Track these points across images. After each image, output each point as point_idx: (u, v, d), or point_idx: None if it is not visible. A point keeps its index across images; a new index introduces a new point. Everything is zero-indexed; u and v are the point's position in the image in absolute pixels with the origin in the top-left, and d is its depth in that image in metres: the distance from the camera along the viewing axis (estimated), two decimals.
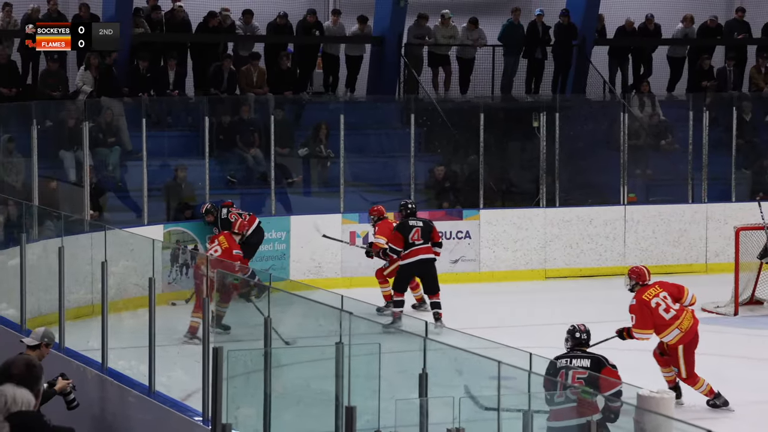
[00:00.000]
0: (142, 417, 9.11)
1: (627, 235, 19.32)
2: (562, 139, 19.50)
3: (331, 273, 18.16)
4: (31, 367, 5.24)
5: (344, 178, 18.60)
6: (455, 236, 18.75)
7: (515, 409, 6.05)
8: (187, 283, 15.95)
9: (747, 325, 15.94)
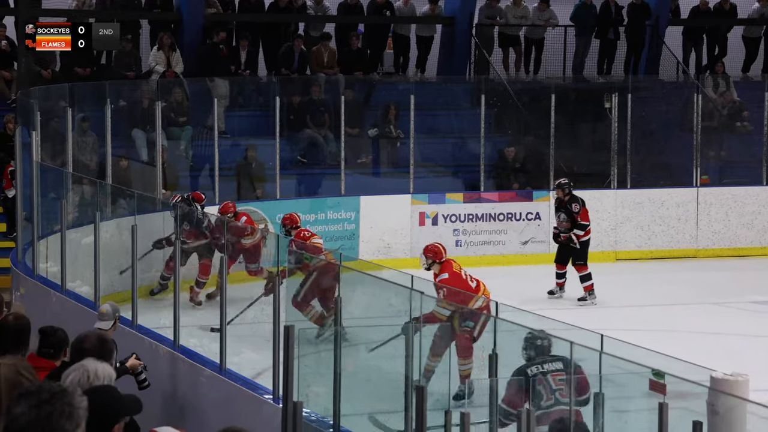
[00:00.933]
0: (213, 395, 9.18)
1: (699, 218, 19.12)
2: (634, 120, 19.33)
3: (401, 253, 18.17)
4: (103, 341, 5.28)
5: (414, 158, 18.59)
6: (525, 217, 18.68)
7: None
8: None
9: None
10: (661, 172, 20.02)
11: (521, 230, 18.62)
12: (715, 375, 5.47)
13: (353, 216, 18.04)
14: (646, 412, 6.03)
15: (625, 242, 18.92)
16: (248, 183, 18.21)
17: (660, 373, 5.35)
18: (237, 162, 18.29)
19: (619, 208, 18.96)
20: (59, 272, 12.39)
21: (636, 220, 18.96)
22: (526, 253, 18.58)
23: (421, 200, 18.44)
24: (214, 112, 17.57)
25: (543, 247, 18.68)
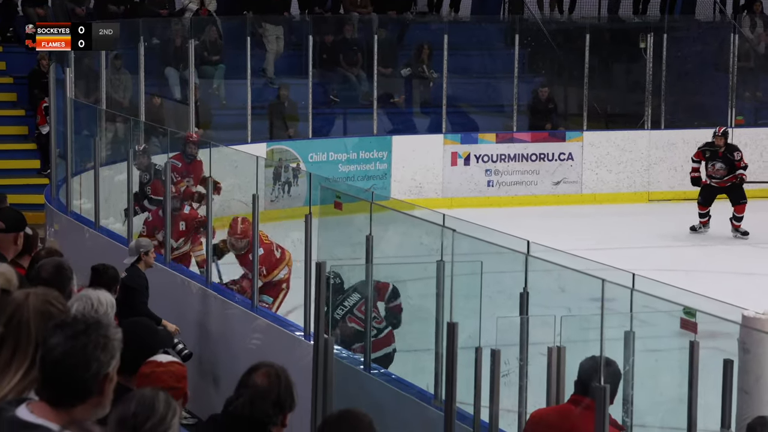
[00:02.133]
0: (245, 331, 9.24)
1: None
2: (670, 60, 19.18)
3: (432, 193, 18.17)
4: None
5: (446, 98, 18.53)
6: (558, 158, 18.63)
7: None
8: (289, 201, 16.09)
9: None
10: (695, 112, 19.88)
11: (553, 171, 18.57)
12: (746, 313, 5.47)
13: (385, 156, 18.03)
14: (677, 351, 6.04)
15: (658, 183, 18.85)
16: (281, 122, 18.21)
17: (691, 311, 5.35)
18: (270, 101, 18.28)
19: (653, 149, 18.86)
20: (92, 209, 12.46)
21: (669, 161, 18.87)
22: (558, 194, 18.54)
23: (454, 140, 18.40)
24: (247, 51, 17.51)
25: (575, 188, 18.65)
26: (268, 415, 4.19)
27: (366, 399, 7.51)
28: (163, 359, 4.61)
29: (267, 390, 4.19)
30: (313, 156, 17.65)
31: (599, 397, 5.05)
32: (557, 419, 5.59)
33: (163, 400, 3.29)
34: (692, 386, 5.43)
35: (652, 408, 6.66)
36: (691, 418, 5.43)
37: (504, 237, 7.81)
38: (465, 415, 6.56)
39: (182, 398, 4.49)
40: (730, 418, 5.43)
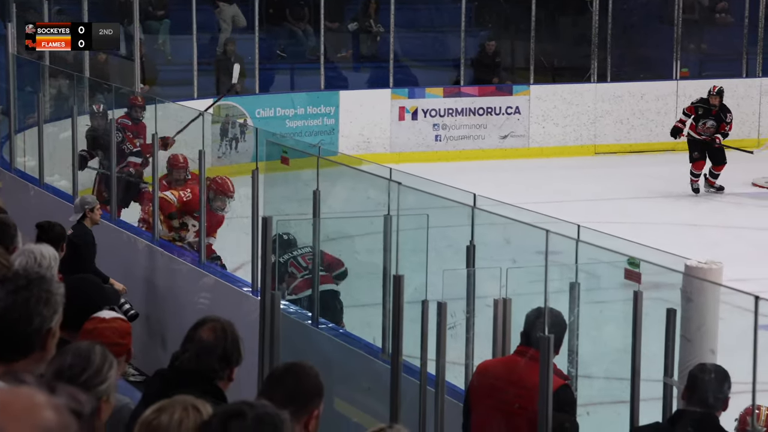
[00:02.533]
0: (192, 287, 9.23)
1: (679, 111, 19.10)
2: (615, 13, 19.24)
3: (380, 148, 18.17)
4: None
5: (393, 53, 18.49)
6: (505, 112, 18.66)
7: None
8: (236, 157, 16.03)
9: None
10: (641, 65, 19.98)
11: (501, 125, 18.61)
12: (689, 263, 5.52)
13: (333, 111, 18.00)
14: (622, 302, 6.09)
15: (604, 136, 18.95)
16: (227, 78, 18.10)
17: (635, 261, 5.39)
18: (216, 56, 18.16)
19: (599, 101, 18.95)
20: (37, 166, 12.35)
21: (615, 114, 18.97)
22: (506, 148, 18.60)
23: (401, 95, 18.39)
24: (192, 6, 17.35)
25: (522, 141, 18.71)
26: (214, 369, 4.19)
27: (314, 353, 7.53)
28: (106, 315, 4.60)
29: (213, 344, 4.19)
30: (260, 112, 17.59)
31: (543, 347, 5.09)
32: (503, 370, 5.64)
33: (99, 353, 3.28)
34: (636, 336, 5.49)
35: (596, 358, 6.74)
36: (635, 367, 5.50)
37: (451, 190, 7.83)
38: (412, 368, 6.59)
39: (125, 354, 4.48)
40: (673, 365, 5.50)
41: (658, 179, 17.06)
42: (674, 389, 5.51)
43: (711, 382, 5.01)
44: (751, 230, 14.31)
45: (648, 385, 5.60)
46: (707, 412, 5.00)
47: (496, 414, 5.51)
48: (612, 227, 9.92)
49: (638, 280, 5.36)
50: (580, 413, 5.68)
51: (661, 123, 19.10)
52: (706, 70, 20.21)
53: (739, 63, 19.76)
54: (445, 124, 18.50)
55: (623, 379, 5.70)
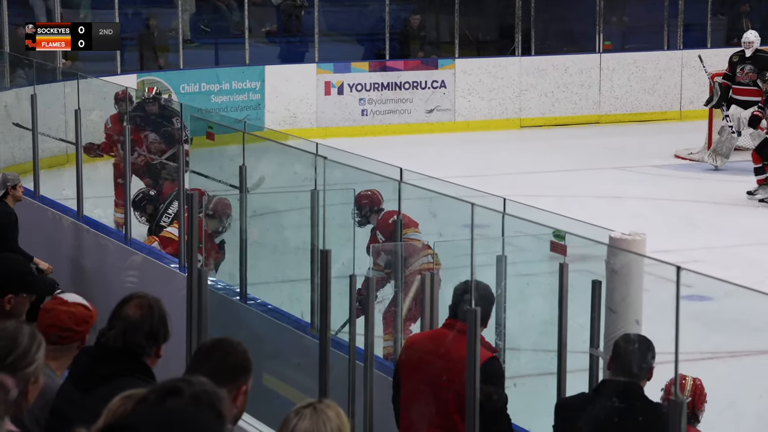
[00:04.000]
0: (119, 264, 9.16)
1: (602, 84, 19.29)
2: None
3: (306, 123, 18.13)
4: None
5: (318, 27, 18.43)
6: (430, 86, 18.70)
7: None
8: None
9: (719, 171, 16.05)
10: (564, 38, 20.10)
11: (426, 98, 18.65)
12: (613, 235, 5.57)
13: (258, 86, 17.92)
14: (548, 274, 6.14)
15: (529, 109, 19.06)
16: (151, 53, 17.95)
17: (561, 234, 5.43)
18: (138, 31, 17.99)
19: (524, 75, 19.04)
20: None
21: (540, 87, 19.08)
22: (432, 122, 18.64)
23: (327, 69, 18.35)
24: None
25: (448, 116, 18.76)
26: (141, 346, 4.17)
27: (242, 329, 7.52)
28: (69, 298, 4.49)
29: (139, 321, 4.17)
30: (185, 87, 17.46)
31: (470, 320, 5.12)
32: (431, 344, 5.67)
33: (27, 334, 3.25)
34: (562, 308, 5.54)
35: (524, 331, 6.79)
36: (562, 338, 5.55)
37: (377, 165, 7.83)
38: (341, 343, 6.61)
39: (79, 342, 4.40)
40: (599, 337, 5.57)
41: (583, 152, 17.20)
42: (600, 360, 5.58)
43: (635, 352, 5.07)
44: (674, 202, 14.50)
45: (574, 357, 5.65)
46: (631, 381, 5.06)
47: (424, 387, 5.54)
48: (537, 200, 10.00)
49: (564, 253, 5.40)
50: (508, 385, 5.73)
51: (585, 96, 19.25)
52: (628, 43, 20.39)
53: (660, 36, 19.95)
54: (371, 99, 18.49)
55: (550, 351, 5.76)
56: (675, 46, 19.89)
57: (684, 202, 14.44)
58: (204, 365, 3.68)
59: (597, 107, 19.23)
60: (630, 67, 19.42)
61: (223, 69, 18.02)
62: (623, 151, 17.03)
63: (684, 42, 19.92)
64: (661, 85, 19.52)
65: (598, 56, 19.39)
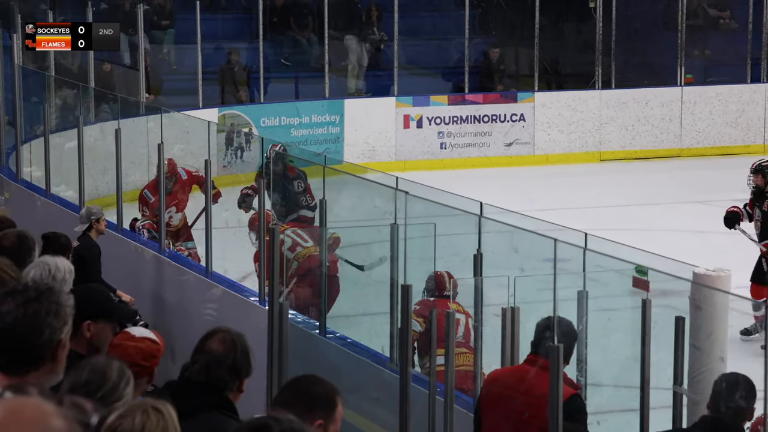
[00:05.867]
0: (199, 297, 9.22)
1: (683, 117, 19.14)
2: (619, 19, 19.25)
3: (385, 156, 18.17)
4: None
5: (398, 61, 18.51)
6: (510, 119, 18.67)
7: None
8: (242, 167, 16.03)
9: None
10: (645, 71, 19.98)
11: (506, 132, 18.62)
12: (697, 271, 5.51)
13: (338, 119, 18.01)
14: (630, 309, 6.09)
15: (609, 142, 18.95)
16: (232, 87, 18.13)
17: (643, 269, 5.39)
18: (220, 65, 18.19)
19: (604, 108, 18.95)
20: (43, 176, 12.37)
21: (620, 120, 18.97)
22: (511, 155, 18.60)
23: (406, 102, 18.40)
24: (197, 15, 17.39)
25: (527, 149, 18.71)
26: (224, 380, 4.17)
27: (322, 363, 7.53)
28: (136, 333, 4.48)
29: (223, 355, 4.17)
30: (265, 121, 17.60)
31: (553, 356, 5.08)
32: (513, 379, 5.63)
33: (116, 369, 3.28)
34: (645, 344, 5.47)
35: (605, 366, 6.73)
36: (644, 375, 5.49)
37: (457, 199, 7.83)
38: (421, 378, 6.59)
39: (147, 376, 4.40)
40: (683, 374, 5.50)
41: (664, 186, 17.05)
42: (684, 397, 5.51)
43: (740, 393, 5.00)
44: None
45: (657, 394, 5.59)
46: (734, 422, 4.99)
47: (506, 423, 5.50)
48: (618, 235, 9.92)
49: (646, 288, 5.35)
50: (591, 422, 5.68)
51: (665, 129, 19.10)
52: (710, 76, 20.22)
53: (743, 68, 19.76)
54: (450, 132, 18.51)
55: (632, 388, 5.69)
56: (758, 79, 19.68)
57: None
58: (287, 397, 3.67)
59: (678, 141, 19.06)
60: (712, 101, 19.25)
61: (303, 102, 18.14)
62: (705, 185, 16.86)
63: (767, 74, 19.70)
64: (744, 118, 19.31)
65: (679, 89, 19.24)
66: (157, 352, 4.43)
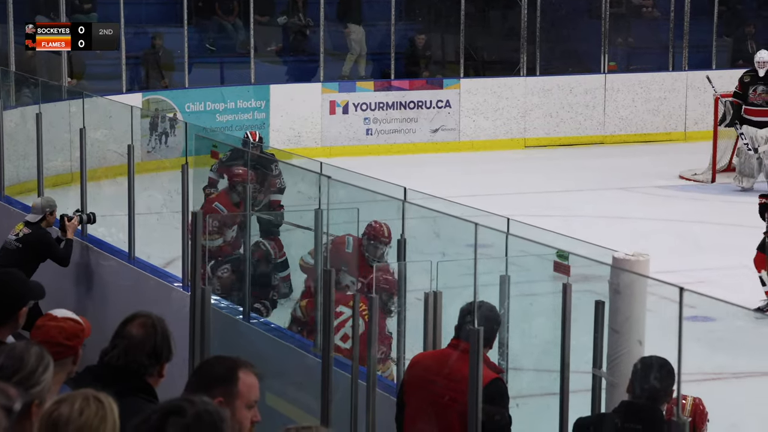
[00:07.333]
0: (122, 283, 9.16)
1: (606, 104, 19.31)
2: (544, 6, 19.37)
3: (311, 142, 18.14)
4: None
5: (324, 46, 18.47)
6: (435, 106, 18.72)
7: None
8: (166, 152, 15.93)
9: (724, 191, 16.07)
10: (569, 58, 20.13)
11: (431, 118, 18.66)
12: (617, 255, 5.57)
13: (263, 105, 17.95)
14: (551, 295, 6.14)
15: (534, 129, 19.07)
16: (156, 72, 17.98)
17: (564, 254, 5.43)
18: (144, 50, 18.04)
19: (528, 95, 19.06)
20: None
21: (545, 107, 19.10)
22: (436, 141, 18.65)
23: (332, 89, 18.37)
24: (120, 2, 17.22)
25: (453, 135, 18.77)
26: (144, 365, 4.16)
27: (245, 348, 7.51)
28: (59, 313, 4.46)
29: (142, 340, 4.16)
30: (190, 106, 17.50)
31: (473, 340, 5.12)
32: (435, 363, 5.66)
33: (34, 354, 3.25)
34: (565, 328, 5.52)
35: (526, 350, 6.78)
36: (564, 359, 5.54)
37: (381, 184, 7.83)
38: (344, 363, 6.60)
39: (73, 356, 4.37)
40: (602, 357, 5.55)
41: (587, 172, 17.20)
42: (603, 380, 5.57)
43: (654, 375, 5.06)
44: (678, 222, 14.49)
45: (577, 377, 5.64)
46: (650, 403, 5.05)
47: (428, 407, 5.53)
48: (541, 220, 10.00)
49: (567, 273, 5.40)
50: (511, 405, 5.72)
51: (589, 116, 19.26)
52: (633, 64, 20.41)
53: (665, 56, 19.98)
54: (376, 118, 18.52)
55: (553, 372, 5.74)
56: (680, 67, 19.91)
57: (688, 222, 14.43)
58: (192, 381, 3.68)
59: (602, 128, 19.23)
60: (635, 88, 19.44)
61: (228, 88, 18.05)
62: (627, 172, 17.03)
63: (689, 63, 19.93)
64: (666, 105, 19.53)
65: (603, 77, 19.41)
66: (80, 332, 4.42)
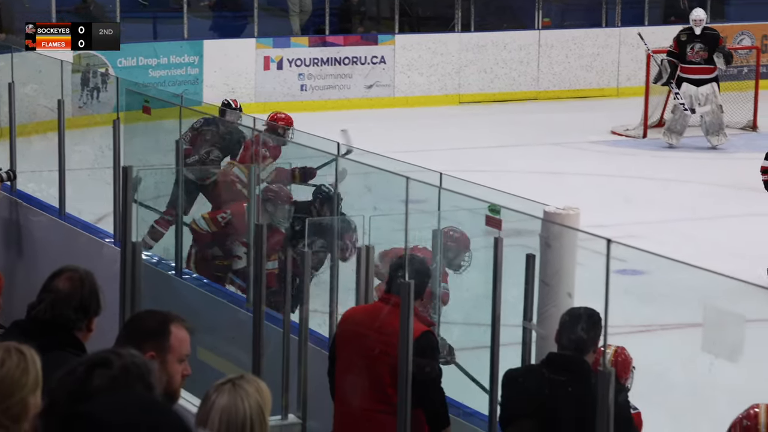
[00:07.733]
0: (53, 239, 9.09)
1: (540, 60, 19.36)
2: None
3: (245, 98, 18.01)
4: None
5: (258, 1, 18.34)
6: (370, 61, 18.67)
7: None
8: (98, 107, 15.78)
9: (655, 147, 16.21)
10: (504, 14, 20.14)
11: (366, 74, 18.62)
12: (548, 209, 5.60)
13: (196, 60, 17.80)
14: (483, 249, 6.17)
15: (468, 85, 19.09)
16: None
17: (496, 208, 5.46)
18: (75, 4, 17.81)
19: (463, 51, 19.06)
20: None
21: (479, 63, 19.11)
22: (371, 97, 18.63)
23: (266, 44, 18.26)
24: None
25: (387, 91, 18.75)
26: (71, 319, 4.14)
27: (178, 303, 7.49)
28: None
29: (69, 294, 4.14)
30: (122, 61, 17.31)
31: (404, 293, 5.14)
32: (366, 317, 5.68)
33: None
34: (496, 281, 5.55)
35: (458, 304, 6.83)
36: (496, 312, 5.57)
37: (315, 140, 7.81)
38: (276, 317, 6.61)
39: None
40: (532, 310, 5.60)
41: (521, 127, 17.27)
42: (533, 333, 5.61)
43: (582, 326, 5.10)
44: (610, 177, 14.62)
45: (508, 330, 5.69)
46: (577, 355, 5.09)
47: (359, 360, 5.56)
48: (474, 175, 10.04)
49: (499, 227, 5.43)
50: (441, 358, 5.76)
51: (523, 72, 19.31)
52: (567, 20, 20.47)
53: (599, 13, 20.05)
54: (311, 74, 18.45)
55: (483, 325, 5.79)
56: (613, 24, 19.99)
57: (620, 177, 14.56)
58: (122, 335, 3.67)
59: (536, 84, 19.30)
60: (568, 44, 19.50)
61: (161, 43, 17.88)
62: (560, 128, 17.13)
63: (622, 19, 20.02)
64: (599, 62, 19.63)
65: (537, 33, 19.45)
66: None
